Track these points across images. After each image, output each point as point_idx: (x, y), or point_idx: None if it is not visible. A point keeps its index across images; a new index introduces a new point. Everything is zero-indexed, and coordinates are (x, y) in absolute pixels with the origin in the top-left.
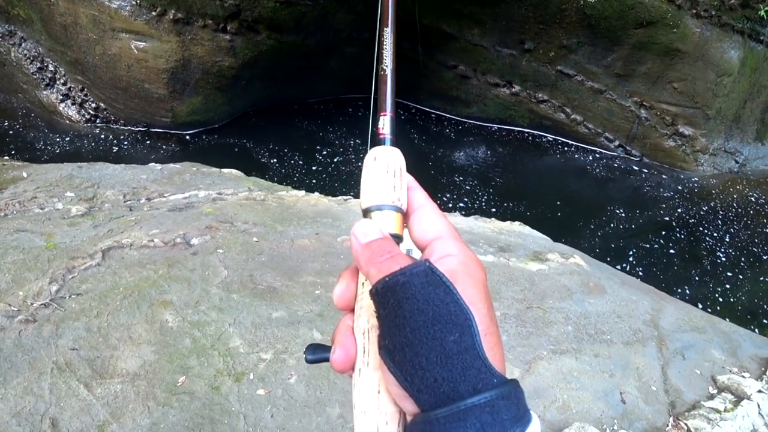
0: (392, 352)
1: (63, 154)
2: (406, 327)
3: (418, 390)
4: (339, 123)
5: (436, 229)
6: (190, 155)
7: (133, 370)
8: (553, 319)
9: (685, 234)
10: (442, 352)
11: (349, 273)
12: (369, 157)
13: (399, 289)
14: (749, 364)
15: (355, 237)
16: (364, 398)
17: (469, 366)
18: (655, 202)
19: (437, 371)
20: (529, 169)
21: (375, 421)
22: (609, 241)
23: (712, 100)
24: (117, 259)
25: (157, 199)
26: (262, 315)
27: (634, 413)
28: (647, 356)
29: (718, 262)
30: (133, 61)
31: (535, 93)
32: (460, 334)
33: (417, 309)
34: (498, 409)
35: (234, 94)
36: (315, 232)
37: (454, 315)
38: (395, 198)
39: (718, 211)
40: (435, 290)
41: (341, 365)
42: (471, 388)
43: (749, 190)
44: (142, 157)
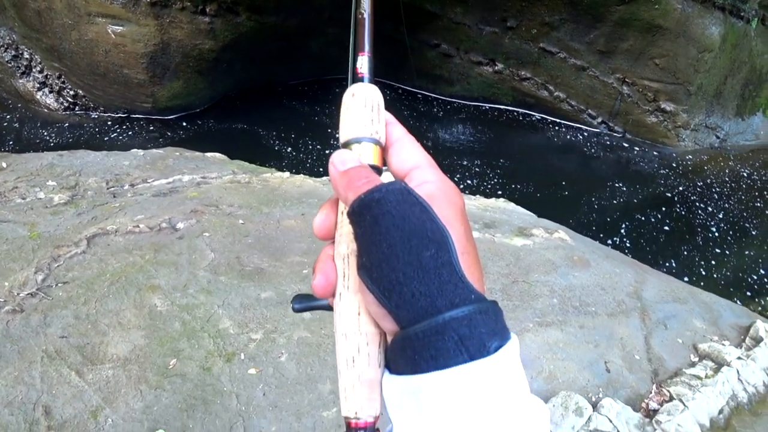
0: (370, 270)
1: (43, 143)
2: (383, 243)
3: (397, 306)
4: (323, 104)
5: (414, 159)
6: (172, 140)
7: (123, 355)
8: (539, 292)
9: (668, 208)
10: (419, 267)
11: (329, 204)
12: (347, 93)
13: (375, 206)
14: (729, 332)
15: (333, 165)
16: (345, 321)
17: (446, 281)
18: (638, 177)
19: (414, 286)
20: (513, 147)
21: (356, 342)
22: (593, 217)
23: (694, 76)
24: (102, 246)
25: (141, 185)
26: (251, 296)
27: (618, 381)
28: (631, 327)
29: (701, 235)
30: (110, 46)
31: (518, 71)
32: (436, 250)
33: (393, 225)
34: (476, 323)
35: (215, 78)
36: (301, 213)
37: (431, 231)
38: (373, 131)
39: (700, 186)
40: (411, 208)
41: (322, 290)
42: (448, 302)
43: (730, 165)
44: (123, 144)
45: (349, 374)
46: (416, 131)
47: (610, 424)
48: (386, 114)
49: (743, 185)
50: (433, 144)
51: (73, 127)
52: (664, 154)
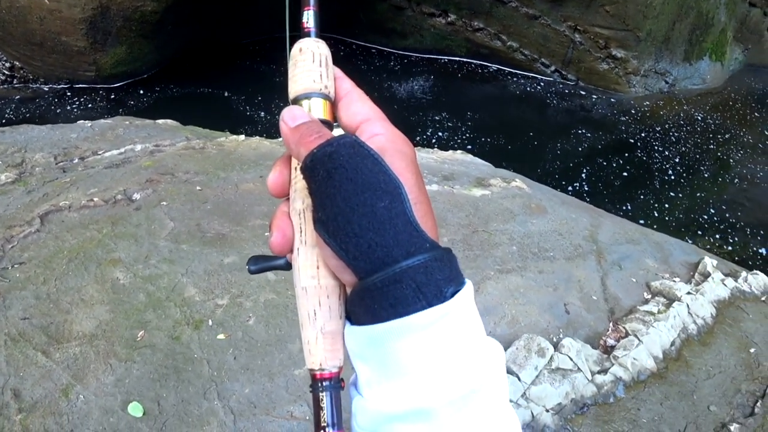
0: (326, 224)
1: None
2: (338, 196)
3: (354, 258)
4: (275, 62)
5: (364, 112)
6: (121, 109)
7: (89, 331)
8: (498, 240)
9: (622, 153)
10: (374, 218)
11: (281, 161)
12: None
13: (327, 160)
14: (679, 269)
15: (283, 122)
16: (304, 275)
17: (401, 231)
18: (592, 124)
19: (370, 237)
20: (469, 98)
21: (316, 295)
22: (549, 164)
23: (643, 22)
24: (57, 223)
25: (92, 158)
26: (214, 262)
27: (577, 322)
28: (587, 269)
29: (655, 178)
30: (45, 13)
31: (471, 21)
32: (390, 201)
33: (346, 178)
34: (432, 270)
35: (161, 41)
36: (259, 176)
37: (384, 183)
38: (322, 86)
39: (652, 131)
40: (363, 161)
41: (279, 246)
42: (404, 251)
43: (679, 109)
44: (69, 116)
45: (311, 327)
46: (371, 86)
47: (570, 362)
48: (335, 69)
49: (693, 129)
50: (390, 98)
51: (13, 101)
52: (616, 100)
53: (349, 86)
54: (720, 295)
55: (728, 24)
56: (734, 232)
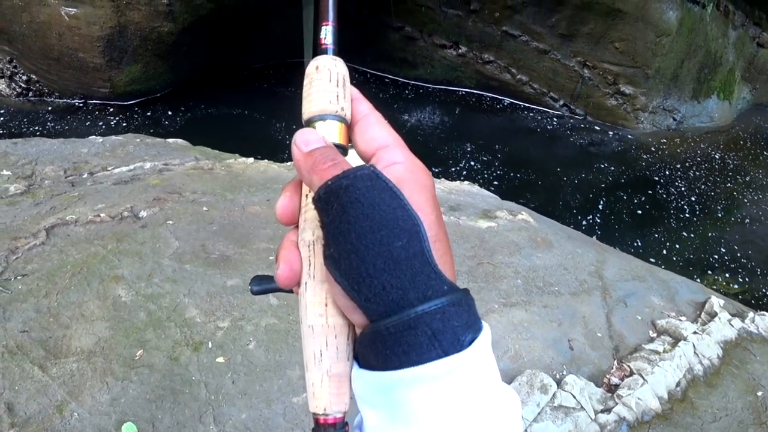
0: (338, 261)
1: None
2: (352, 233)
3: (366, 299)
4: (286, 87)
5: (382, 138)
6: (132, 126)
7: (88, 348)
8: (503, 273)
9: (628, 189)
10: (390, 258)
11: (292, 186)
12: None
13: (342, 193)
14: (685, 308)
15: (296, 146)
16: (311, 312)
17: (418, 272)
18: (599, 159)
19: (385, 278)
20: (477, 130)
21: (323, 334)
22: (556, 198)
23: (652, 59)
24: (62, 237)
25: (101, 173)
26: (217, 284)
27: (581, 359)
28: (592, 305)
29: (662, 214)
30: (64, 29)
31: (482, 54)
32: (408, 240)
33: (362, 213)
34: (449, 316)
35: (175, 61)
36: (266, 199)
37: (402, 220)
38: (339, 107)
39: (660, 167)
40: (380, 195)
41: (286, 280)
42: (420, 295)
43: (687, 146)
44: (81, 131)
45: (316, 369)
46: (381, 114)
47: (573, 400)
48: (352, 89)
49: (702, 166)
50: (398, 127)
51: (28, 113)
52: (623, 136)
53: (366, 109)
54: (727, 335)
55: (736, 63)
56: (742, 272)
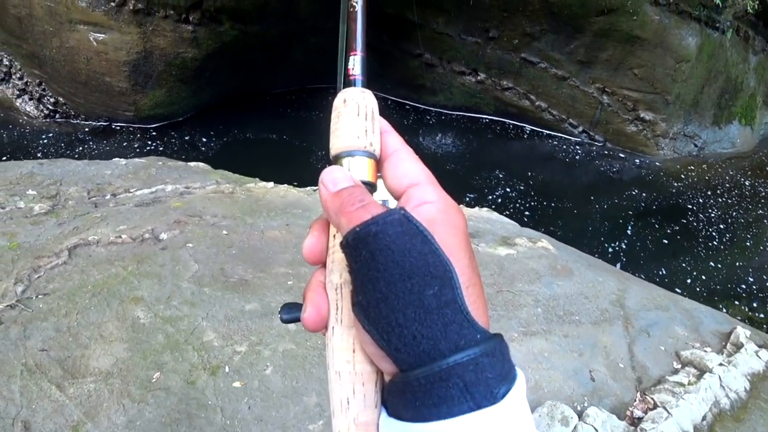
0: (366, 309)
1: (22, 151)
2: (381, 281)
3: (396, 349)
4: (307, 112)
5: (413, 175)
6: (155, 149)
7: (105, 369)
8: (523, 301)
9: (649, 216)
10: (421, 307)
11: (319, 224)
12: (338, 99)
13: (372, 240)
14: (710, 339)
15: (323, 185)
16: (338, 358)
17: (450, 321)
18: (619, 185)
19: (416, 328)
20: (496, 156)
21: (350, 381)
22: (575, 225)
23: (671, 85)
24: (84, 257)
25: (123, 195)
26: (235, 308)
27: (603, 390)
28: (614, 335)
29: (684, 242)
30: (92, 54)
31: (500, 80)
32: (439, 287)
33: (392, 261)
34: (482, 368)
35: (198, 86)
36: (285, 223)
37: (433, 267)
38: (367, 143)
39: (681, 194)
40: (411, 240)
41: (313, 324)
42: (453, 345)
43: (709, 173)
44: (105, 153)
45: (343, 416)
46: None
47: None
48: (382, 121)
49: (725, 193)
50: (419, 153)
51: (54, 135)
52: (644, 162)
53: (397, 143)
54: (754, 367)
55: (758, 89)
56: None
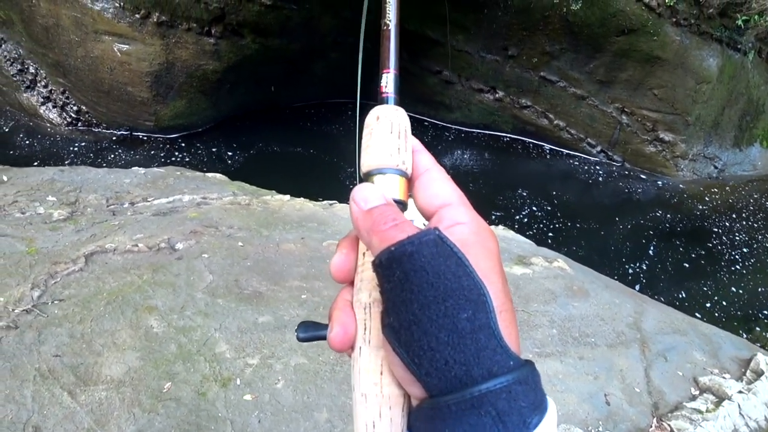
0: (398, 331)
1: (44, 158)
2: (414, 303)
3: (427, 373)
4: (326, 127)
5: (445, 195)
6: (173, 159)
7: (117, 377)
8: (538, 322)
9: (668, 238)
10: (454, 331)
11: (348, 242)
12: (371, 116)
13: (406, 260)
14: (729, 365)
15: (355, 203)
16: (365, 380)
17: (483, 347)
18: (637, 206)
19: (448, 352)
20: (513, 174)
21: (377, 404)
22: (592, 245)
23: (692, 106)
24: (100, 264)
25: (141, 204)
26: (248, 320)
27: (618, 415)
28: (630, 358)
29: (704, 265)
30: (116, 64)
31: (519, 99)
32: (473, 311)
33: (426, 282)
34: (515, 396)
35: (218, 98)
36: (300, 237)
37: (468, 290)
38: (399, 161)
39: (701, 216)
40: (446, 262)
41: (339, 344)
42: (486, 371)
43: (730, 195)
44: (125, 161)
45: None
46: None
47: None
48: (413, 140)
49: (747, 216)
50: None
51: (75, 142)
52: (662, 183)
53: (429, 162)
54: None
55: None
56: None
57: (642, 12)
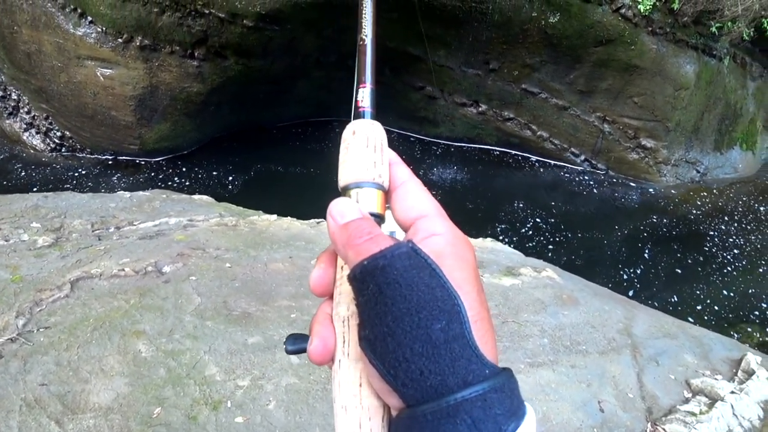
0: (373, 343)
1: (28, 184)
2: (388, 315)
3: (403, 384)
4: (310, 146)
5: (421, 207)
6: (159, 183)
7: (106, 404)
8: (529, 332)
9: (656, 244)
10: (428, 342)
11: (326, 256)
12: (347, 131)
13: (379, 274)
14: (721, 366)
15: (331, 217)
16: (345, 392)
17: (458, 356)
18: (623, 213)
19: (423, 363)
20: (499, 186)
21: (357, 416)
22: (580, 253)
23: (671, 112)
24: (86, 290)
25: (127, 228)
26: (238, 341)
27: (612, 421)
28: (622, 364)
29: (691, 269)
30: (99, 89)
31: (502, 111)
32: (447, 322)
33: (399, 295)
34: (491, 404)
35: (203, 120)
36: (288, 256)
37: (441, 301)
38: (376, 174)
39: (686, 220)
40: (419, 274)
41: (319, 357)
42: (461, 380)
43: (713, 198)
44: (109, 186)
45: None
46: None
47: None
48: (390, 153)
49: (730, 218)
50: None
51: (60, 168)
52: (647, 189)
53: (405, 175)
54: (767, 394)
55: (757, 114)
56: None
57: (618, 22)
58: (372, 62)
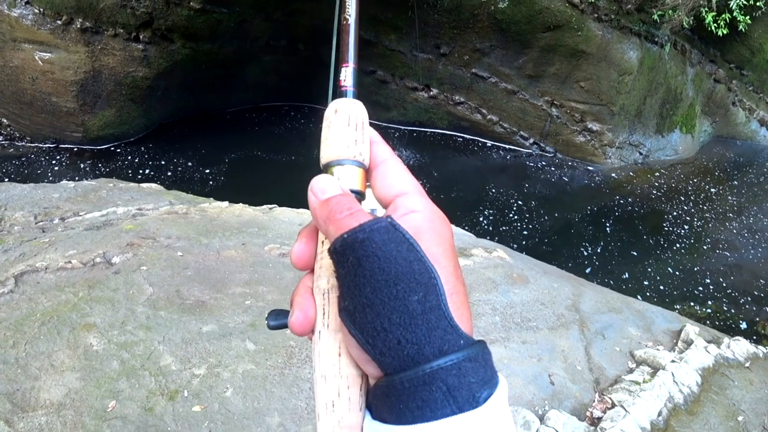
0: (352, 314)
1: None
2: (367, 287)
3: (381, 353)
4: (261, 130)
5: (401, 185)
6: (105, 171)
7: (57, 400)
8: (481, 311)
9: (601, 223)
10: (406, 313)
11: (308, 231)
12: (330, 109)
13: (358, 246)
14: (662, 337)
15: (312, 193)
16: (325, 362)
17: (434, 327)
18: (570, 194)
19: (400, 333)
20: (451, 169)
21: (336, 385)
22: (530, 234)
23: (616, 97)
24: (32, 284)
25: (72, 219)
26: (192, 330)
27: (562, 393)
28: (571, 339)
29: (634, 247)
30: (37, 74)
31: (452, 95)
32: (424, 294)
33: (378, 267)
34: (465, 372)
35: (149, 106)
36: (241, 243)
37: (418, 273)
38: (357, 152)
39: (628, 200)
40: (397, 247)
41: (300, 328)
42: (436, 349)
43: (655, 179)
44: (53, 176)
45: (328, 419)
46: None
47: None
48: (371, 132)
49: (670, 198)
50: None
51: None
52: (593, 171)
53: (385, 153)
54: (704, 362)
55: (696, 99)
56: (716, 299)
57: (566, 9)
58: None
